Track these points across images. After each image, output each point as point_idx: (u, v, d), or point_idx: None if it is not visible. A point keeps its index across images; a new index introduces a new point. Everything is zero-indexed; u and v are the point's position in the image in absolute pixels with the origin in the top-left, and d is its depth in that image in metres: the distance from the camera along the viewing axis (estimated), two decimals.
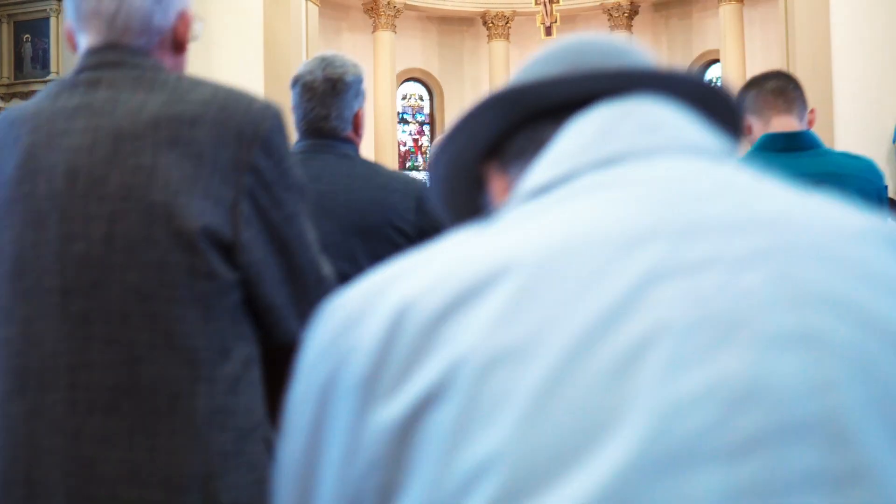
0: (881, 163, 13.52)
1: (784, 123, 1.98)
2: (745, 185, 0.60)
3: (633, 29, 17.94)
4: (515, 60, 18.73)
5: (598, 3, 17.84)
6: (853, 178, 1.82)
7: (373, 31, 17.73)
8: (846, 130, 13.47)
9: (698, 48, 18.16)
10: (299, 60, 14.62)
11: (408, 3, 17.72)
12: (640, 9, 17.97)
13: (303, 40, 15.08)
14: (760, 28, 16.01)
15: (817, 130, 10.62)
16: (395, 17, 17.63)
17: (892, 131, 13.00)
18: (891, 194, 13.29)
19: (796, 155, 1.85)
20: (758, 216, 0.57)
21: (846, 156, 1.97)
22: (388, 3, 17.39)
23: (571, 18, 18.86)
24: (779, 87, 1.99)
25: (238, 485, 1.31)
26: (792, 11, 13.70)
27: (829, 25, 13.36)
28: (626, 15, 17.67)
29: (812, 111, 2.16)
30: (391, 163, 17.94)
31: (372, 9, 17.50)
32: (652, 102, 0.64)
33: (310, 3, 15.38)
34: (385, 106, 17.37)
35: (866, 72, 13.33)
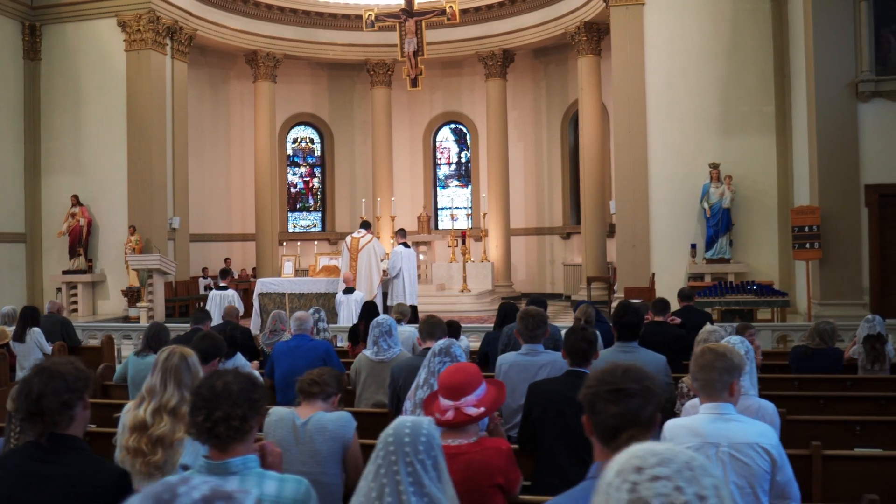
0: (691, 220, 13.98)
1: None
2: None
3: (508, 76, 18.54)
4: (398, 106, 19.38)
5: (473, 52, 18.44)
6: None
7: (254, 81, 18.43)
8: (659, 189, 14.04)
9: (574, 94, 18.73)
10: (162, 114, 15.35)
11: (288, 53, 18.40)
12: (516, 56, 18.55)
13: (167, 95, 15.80)
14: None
15: (634, 190, 11.44)
16: (275, 67, 18.30)
17: (701, 191, 13.54)
18: (709, 255, 13.60)
19: None
20: None
21: None
22: (268, 55, 18.07)
23: (457, 63, 19.51)
24: None
25: None
26: (616, 78, 14.32)
27: (644, 93, 13.95)
28: (499, 63, 18.24)
29: None
30: (278, 205, 18.64)
31: (252, 60, 18.20)
32: None
33: (176, 60, 16.13)
34: (264, 152, 18.01)
35: (676, 136, 13.92)
